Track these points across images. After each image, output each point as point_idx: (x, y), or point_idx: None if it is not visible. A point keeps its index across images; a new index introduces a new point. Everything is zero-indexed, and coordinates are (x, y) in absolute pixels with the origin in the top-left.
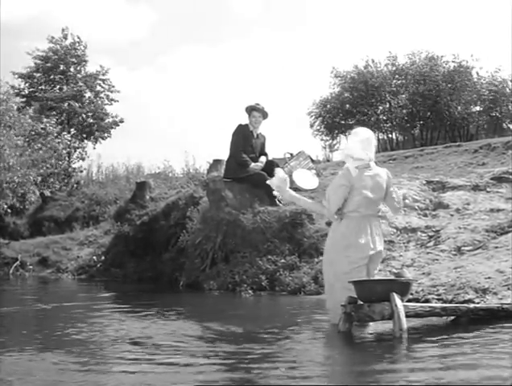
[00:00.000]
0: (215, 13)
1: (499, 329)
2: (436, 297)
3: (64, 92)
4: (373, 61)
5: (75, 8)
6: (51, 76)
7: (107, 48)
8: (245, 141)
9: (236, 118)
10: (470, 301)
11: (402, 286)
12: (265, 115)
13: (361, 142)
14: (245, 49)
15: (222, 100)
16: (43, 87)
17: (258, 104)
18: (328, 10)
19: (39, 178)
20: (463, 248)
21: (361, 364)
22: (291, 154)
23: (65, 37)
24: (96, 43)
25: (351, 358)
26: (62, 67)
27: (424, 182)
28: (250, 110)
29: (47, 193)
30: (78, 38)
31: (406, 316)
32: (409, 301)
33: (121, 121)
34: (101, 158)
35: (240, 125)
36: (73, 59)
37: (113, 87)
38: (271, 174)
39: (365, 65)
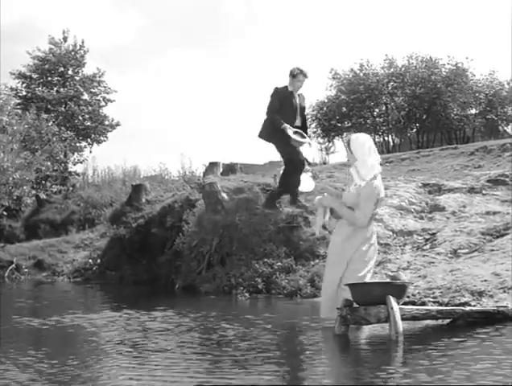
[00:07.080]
0: (206, 16)
1: (495, 332)
2: (432, 299)
3: (62, 93)
4: (368, 63)
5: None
6: (49, 78)
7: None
8: (285, 102)
9: (232, 119)
10: (466, 303)
11: (398, 289)
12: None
13: (369, 149)
14: (239, 51)
15: (218, 102)
16: (40, 88)
17: (304, 70)
18: (326, 13)
19: (34, 180)
20: (459, 250)
21: (357, 367)
22: None
23: (65, 39)
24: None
25: (346, 361)
26: (60, 69)
27: (420, 184)
28: (297, 73)
29: (43, 196)
30: (82, 42)
31: (402, 319)
32: (405, 303)
33: (118, 125)
34: (97, 160)
35: (276, 88)
36: (72, 62)
37: (109, 88)
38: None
39: (359, 67)
